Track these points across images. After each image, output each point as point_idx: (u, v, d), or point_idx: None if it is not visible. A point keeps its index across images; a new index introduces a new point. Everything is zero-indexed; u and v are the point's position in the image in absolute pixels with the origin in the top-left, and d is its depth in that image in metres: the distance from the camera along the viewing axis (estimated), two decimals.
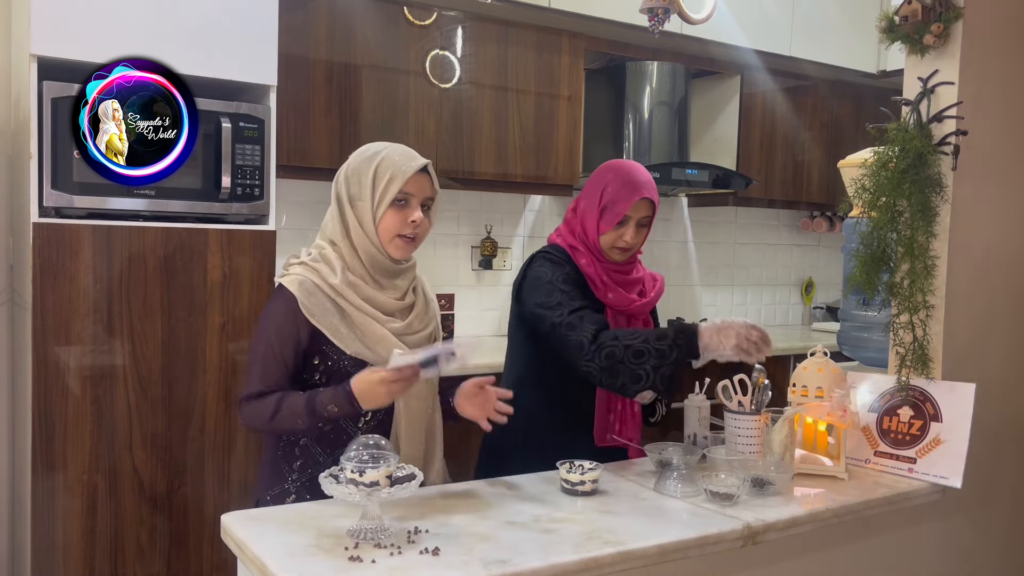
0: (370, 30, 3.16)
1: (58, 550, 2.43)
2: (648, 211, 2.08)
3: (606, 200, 2.05)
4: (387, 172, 1.78)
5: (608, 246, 2.06)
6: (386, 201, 1.77)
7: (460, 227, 3.79)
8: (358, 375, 1.69)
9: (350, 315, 1.76)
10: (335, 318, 1.75)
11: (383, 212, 1.77)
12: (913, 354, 1.98)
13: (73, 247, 2.41)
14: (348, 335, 1.75)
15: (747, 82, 4.16)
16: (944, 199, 1.98)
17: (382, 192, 1.77)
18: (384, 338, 1.77)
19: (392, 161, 1.79)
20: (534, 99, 3.52)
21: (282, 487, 1.82)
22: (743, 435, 1.91)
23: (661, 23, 2.38)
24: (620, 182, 2.05)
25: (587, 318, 1.93)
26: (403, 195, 1.78)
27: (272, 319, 1.77)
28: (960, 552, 2.19)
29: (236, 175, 2.61)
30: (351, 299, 1.76)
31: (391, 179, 1.77)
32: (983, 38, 2.02)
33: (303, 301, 1.74)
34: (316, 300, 1.74)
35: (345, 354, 1.76)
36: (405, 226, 1.79)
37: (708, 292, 4.61)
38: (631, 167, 2.11)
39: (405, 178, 1.77)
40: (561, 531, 1.53)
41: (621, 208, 2.03)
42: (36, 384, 2.39)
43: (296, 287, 1.75)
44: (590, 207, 2.08)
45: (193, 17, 2.55)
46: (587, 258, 2.07)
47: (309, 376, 1.78)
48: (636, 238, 2.07)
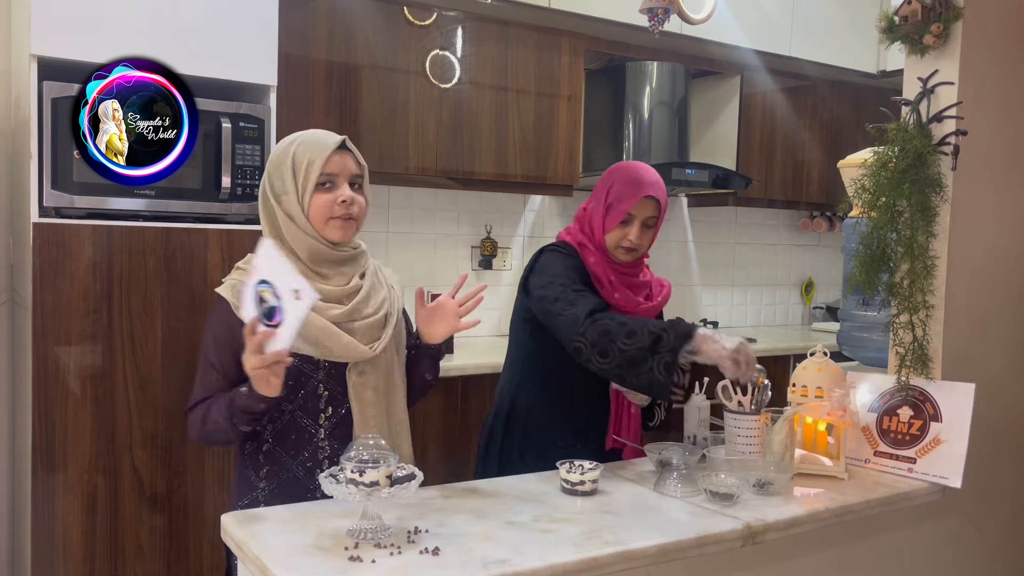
0: (370, 30, 3.16)
1: (58, 550, 2.43)
2: (653, 211, 2.07)
3: (611, 198, 2.05)
4: (304, 158, 1.74)
5: (613, 245, 2.06)
6: (310, 187, 1.73)
7: (460, 227, 3.79)
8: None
9: None
10: None
11: (309, 198, 1.73)
12: (913, 354, 1.98)
13: (73, 247, 2.41)
14: None
15: (747, 82, 4.16)
16: (944, 199, 1.98)
17: (303, 179, 1.73)
18: (325, 328, 1.71)
19: (307, 146, 1.75)
20: (534, 99, 3.52)
21: (252, 496, 1.78)
22: (743, 435, 1.91)
23: (661, 23, 2.38)
24: (625, 181, 2.06)
25: (588, 296, 1.93)
26: (325, 177, 1.74)
27: (209, 329, 1.75)
28: (960, 552, 2.19)
29: (236, 175, 2.61)
30: None
31: (310, 163, 1.73)
32: (983, 38, 2.02)
33: (236, 304, 1.69)
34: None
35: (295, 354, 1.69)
36: (336, 207, 1.74)
37: (708, 292, 4.61)
38: (638, 167, 2.11)
39: (324, 158, 1.73)
40: (561, 531, 1.52)
41: (625, 206, 2.03)
42: (36, 384, 2.39)
43: (228, 292, 1.73)
44: (597, 205, 2.09)
45: (193, 17, 2.55)
46: (595, 256, 2.07)
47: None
48: (641, 238, 2.06)
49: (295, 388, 1.74)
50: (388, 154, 3.20)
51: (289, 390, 1.71)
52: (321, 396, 1.76)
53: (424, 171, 3.31)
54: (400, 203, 3.63)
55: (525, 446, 2.11)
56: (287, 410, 1.75)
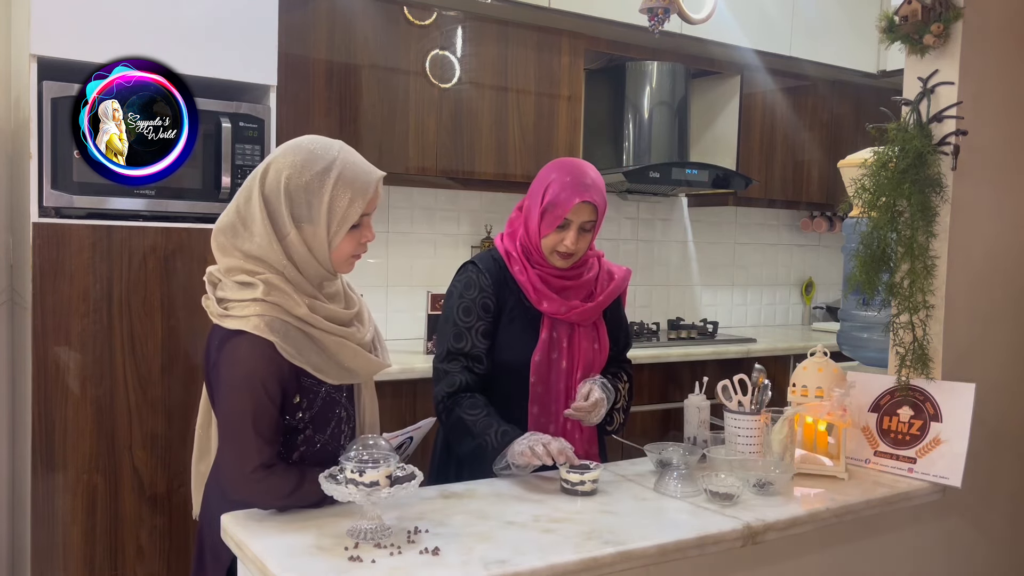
0: (370, 30, 3.16)
1: (58, 550, 2.43)
2: (591, 215, 1.95)
3: (548, 200, 1.94)
4: (345, 195, 1.58)
5: (549, 250, 1.97)
6: (345, 228, 1.60)
7: (460, 227, 3.79)
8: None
9: (321, 341, 1.60)
10: (312, 352, 1.58)
11: (341, 235, 1.60)
12: (913, 354, 1.98)
13: (73, 247, 2.41)
14: (327, 364, 1.61)
15: (747, 82, 4.16)
16: (944, 199, 1.98)
17: (341, 219, 1.59)
18: (357, 352, 1.65)
19: (348, 181, 1.58)
20: (534, 99, 3.52)
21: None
22: (743, 435, 1.90)
23: (661, 23, 2.38)
24: (563, 182, 1.94)
25: (452, 372, 1.95)
26: (361, 217, 1.62)
27: (254, 376, 1.53)
28: (960, 552, 2.19)
29: (236, 175, 2.61)
30: (322, 326, 1.59)
31: (351, 203, 1.58)
32: (983, 38, 2.02)
33: (281, 344, 1.53)
34: (292, 339, 1.55)
35: (324, 383, 1.64)
36: (359, 247, 1.66)
37: (708, 292, 4.61)
38: (577, 166, 1.99)
39: (367, 199, 1.60)
40: (561, 531, 1.52)
41: (561, 211, 1.92)
42: (36, 384, 2.39)
43: (268, 332, 1.53)
44: (533, 206, 1.98)
45: (193, 17, 2.55)
46: (520, 264, 2.00)
47: (291, 417, 1.62)
48: (579, 243, 1.95)
49: (327, 420, 1.68)
50: (388, 154, 3.20)
51: (323, 422, 1.67)
52: (343, 419, 1.73)
53: (424, 171, 3.31)
54: (400, 203, 3.63)
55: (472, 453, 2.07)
56: (319, 440, 1.68)
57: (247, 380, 1.54)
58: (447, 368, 1.97)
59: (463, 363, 1.96)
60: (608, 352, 2.09)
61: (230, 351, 1.56)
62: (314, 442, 1.68)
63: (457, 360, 1.96)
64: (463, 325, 1.98)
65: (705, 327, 4.07)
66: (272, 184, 1.60)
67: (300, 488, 1.55)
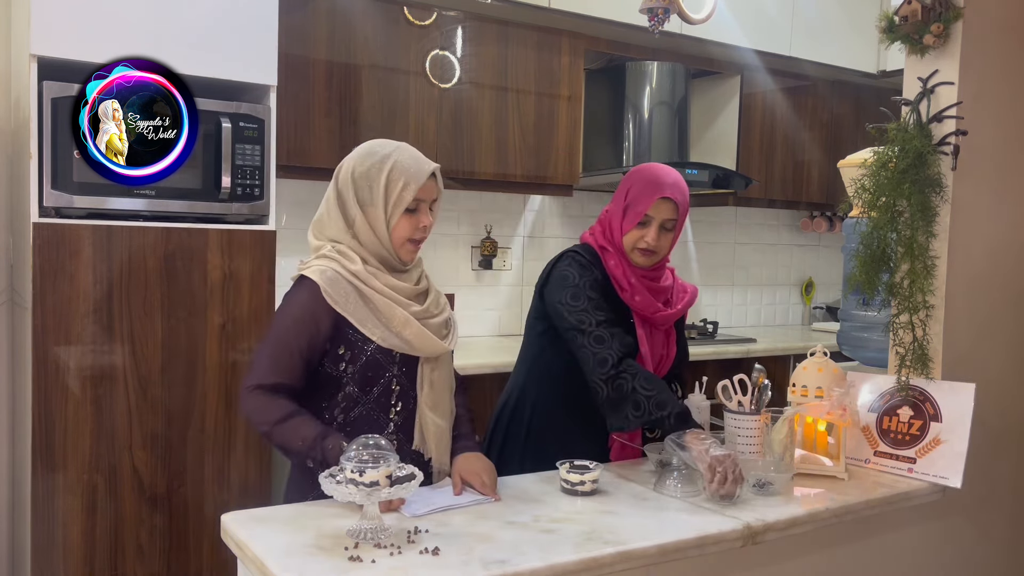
0: (370, 30, 3.16)
1: (58, 550, 2.43)
2: (671, 213, 2.04)
3: (629, 199, 2.04)
4: (400, 179, 1.76)
5: (630, 247, 2.05)
6: (400, 209, 1.77)
7: (460, 227, 3.79)
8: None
9: (373, 301, 1.74)
10: (359, 305, 1.73)
11: (396, 220, 1.77)
12: (913, 354, 1.98)
13: (73, 247, 2.41)
14: (373, 322, 1.74)
15: (747, 82, 4.16)
16: (944, 199, 1.98)
17: (396, 200, 1.76)
18: (408, 321, 1.76)
19: (404, 167, 1.77)
20: (534, 99, 3.52)
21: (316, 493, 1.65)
22: (743, 435, 1.91)
23: (661, 23, 2.38)
24: (644, 182, 2.04)
25: (617, 337, 1.94)
26: (416, 202, 1.78)
27: (289, 310, 1.75)
28: (960, 552, 2.19)
29: (236, 175, 2.61)
30: (373, 284, 1.75)
31: (404, 186, 1.76)
32: (983, 38, 2.02)
33: (326, 289, 1.71)
34: (339, 288, 1.72)
35: (371, 341, 1.74)
36: (416, 231, 1.80)
37: (708, 292, 4.60)
38: (658, 168, 2.09)
39: (419, 185, 1.77)
40: (561, 531, 1.53)
41: (642, 207, 2.02)
42: (36, 384, 2.39)
43: (318, 276, 1.73)
44: (616, 206, 2.08)
45: (193, 17, 2.54)
46: (616, 259, 2.06)
47: (333, 367, 1.76)
48: (659, 241, 2.04)
49: (372, 380, 1.77)
50: None
51: (366, 382, 1.76)
52: (394, 391, 1.79)
53: None
54: None
55: (527, 441, 2.11)
56: (362, 402, 1.78)
57: (286, 311, 1.76)
58: (604, 334, 1.94)
59: (611, 330, 1.95)
60: (672, 362, 2.14)
61: (288, 293, 1.80)
62: (356, 401, 1.77)
63: (605, 326, 1.95)
64: (598, 300, 1.99)
65: (705, 327, 4.07)
66: (343, 176, 1.81)
67: (285, 423, 1.68)
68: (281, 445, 1.71)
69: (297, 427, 1.68)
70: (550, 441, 2.06)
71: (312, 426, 1.68)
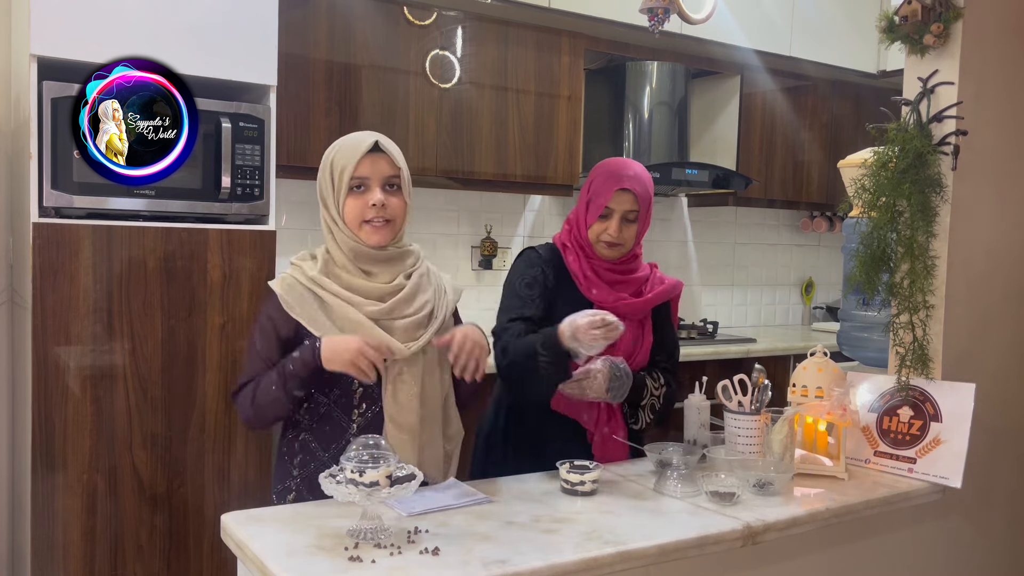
0: (370, 30, 3.16)
1: (58, 550, 2.43)
2: (632, 205, 2.05)
3: (591, 193, 2.07)
4: (340, 163, 1.81)
5: (594, 239, 2.08)
6: (343, 192, 1.80)
7: (460, 227, 3.79)
8: (339, 336, 1.73)
9: (328, 303, 1.79)
10: (313, 308, 1.78)
11: (343, 203, 1.80)
12: (913, 354, 1.98)
13: (73, 247, 2.41)
14: (324, 323, 1.77)
15: (747, 82, 4.15)
16: (944, 199, 1.98)
17: (338, 184, 1.80)
18: (359, 322, 1.77)
19: (342, 151, 1.82)
20: (534, 99, 3.52)
21: (285, 484, 1.85)
22: (743, 435, 1.91)
23: (661, 23, 2.38)
24: (604, 175, 2.07)
25: (514, 328, 1.98)
26: (357, 180, 1.80)
27: (257, 320, 1.85)
28: (960, 552, 2.19)
29: (236, 175, 2.61)
30: (327, 287, 1.79)
31: (343, 169, 1.79)
32: (983, 38, 2.02)
33: (282, 296, 1.79)
34: (295, 293, 1.79)
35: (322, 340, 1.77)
36: (367, 210, 1.79)
37: (708, 292, 4.61)
38: (620, 162, 2.13)
39: (354, 163, 1.79)
40: (561, 531, 1.53)
41: (602, 200, 2.04)
42: (36, 384, 2.39)
43: (278, 284, 1.81)
44: (581, 202, 2.11)
45: (193, 17, 2.55)
46: (574, 255, 2.09)
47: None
48: (622, 233, 2.05)
49: (330, 381, 1.78)
50: None
51: (323, 382, 1.78)
52: (356, 392, 1.80)
53: (424, 171, 3.31)
54: None
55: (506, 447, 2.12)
56: (323, 403, 1.81)
57: (256, 321, 1.85)
58: (507, 327, 2.01)
59: (525, 326, 1.99)
60: (649, 354, 2.13)
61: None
62: (318, 401, 1.81)
63: (517, 322, 2.00)
64: (527, 296, 2.05)
65: (705, 327, 4.07)
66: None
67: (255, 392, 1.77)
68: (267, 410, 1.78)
69: (262, 383, 1.77)
70: (527, 444, 2.07)
71: (272, 371, 1.76)
